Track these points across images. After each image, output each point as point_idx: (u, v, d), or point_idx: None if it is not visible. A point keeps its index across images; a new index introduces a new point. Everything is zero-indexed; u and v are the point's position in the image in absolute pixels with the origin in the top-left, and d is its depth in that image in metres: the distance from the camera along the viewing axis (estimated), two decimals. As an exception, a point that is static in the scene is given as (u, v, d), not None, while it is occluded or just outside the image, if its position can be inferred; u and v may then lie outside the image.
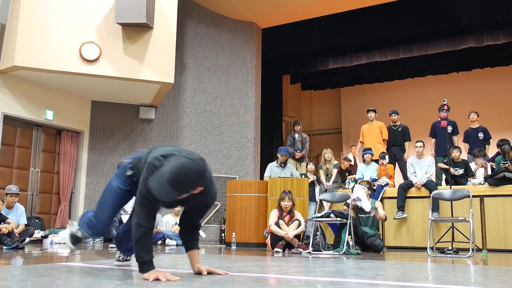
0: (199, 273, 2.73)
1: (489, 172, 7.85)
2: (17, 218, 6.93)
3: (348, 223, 6.28)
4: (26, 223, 7.15)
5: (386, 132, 9.18)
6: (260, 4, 10.23)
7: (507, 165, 7.34)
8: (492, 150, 8.94)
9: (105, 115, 9.54)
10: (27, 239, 6.94)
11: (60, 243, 7.39)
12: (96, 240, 8.22)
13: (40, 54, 7.51)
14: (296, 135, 10.14)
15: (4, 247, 5.85)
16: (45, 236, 7.75)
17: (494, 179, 7.37)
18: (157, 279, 2.40)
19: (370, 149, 8.76)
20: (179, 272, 2.98)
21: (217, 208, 9.85)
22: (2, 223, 6.38)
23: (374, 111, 9.40)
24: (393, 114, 9.38)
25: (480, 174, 7.97)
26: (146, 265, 2.51)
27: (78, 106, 9.21)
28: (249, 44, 10.96)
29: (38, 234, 7.58)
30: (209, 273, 2.74)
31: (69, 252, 5.31)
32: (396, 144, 9.14)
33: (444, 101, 8.07)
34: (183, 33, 9.96)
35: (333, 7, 10.21)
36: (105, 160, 9.40)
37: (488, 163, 8.11)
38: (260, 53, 11.34)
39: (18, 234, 6.55)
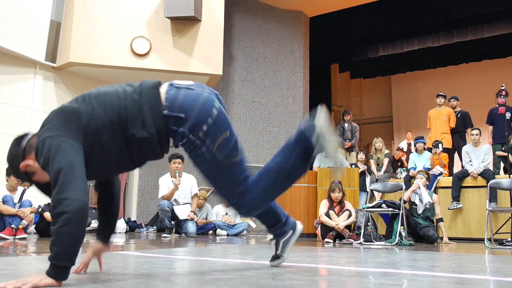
0: None
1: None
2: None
3: (401, 213, 6.17)
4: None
5: (455, 119, 8.88)
6: (307, -7, 10.14)
7: None
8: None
9: (156, 108, 9.73)
10: (86, 229, 7.24)
11: (115, 232, 7.67)
12: (149, 229, 8.47)
13: (93, 50, 7.78)
14: (346, 125, 10.01)
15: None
16: (102, 226, 8.05)
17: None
18: None
19: (423, 137, 8.54)
20: (230, 262, 3.03)
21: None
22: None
23: (444, 96, 9.10)
24: (452, 100, 9.08)
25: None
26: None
27: (130, 100, 9.47)
28: (297, 33, 10.89)
29: (94, 224, 7.89)
30: None
31: (124, 241, 5.50)
32: (456, 131, 8.84)
33: (502, 86, 7.74)
34: (230, 25, 10.02)
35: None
36: (157, 152, 9.62)
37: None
38: (308, 42, 11.24)
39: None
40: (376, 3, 10.35)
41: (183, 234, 6.98)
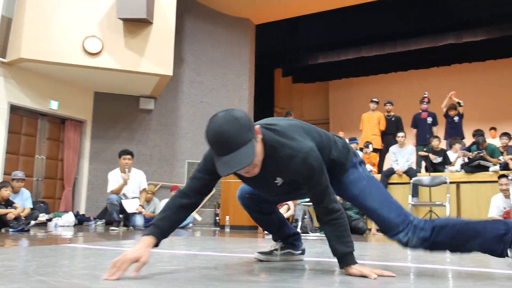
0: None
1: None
2: (23, 202, 6.89)
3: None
4: (32, 207, 7.11)
5: (384, 123, 9.16)
6: (254, 2, 10.18)
7: (482, 154, 7.40)
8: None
9: (107, 105, 9.48)
10: (33, 222, 6.91)
11: (63, 225, 7.39)
12: (98, 222, 8.22)
13: (45, 47, 7.45)
14: (287, 125, 10.13)
15: (11, 230, 5.83)
16: (50, 219, 7.74)
17: (470, 167, 7.44)
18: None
19: (356, 138, 8.79)
20: (176, 253, 3.00)
21: (212, 193, 9.87)
22: (10, 207, 6.35)
23: (377, 102, 9.36)
24: (388, 104, 9.38)
25: (454, 160, 8.03)
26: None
27: (81, 97, 9.16)
28: (244, 39, 10.92)
29: (43, 217, 7.57)
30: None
31: (72, 234, 5.31)
32: (388, 132, 9.12)
33: (425, 94, 8.13)
34: (181, 28, 9.89)
35: (322, 5, 10.18)
36: (107, 148, 9.37)
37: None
38: (253, 48, 11.30)
39: (24, 218, 6.52)
40: (317, 15, 10.57)
41: (131, 227, 6.83)
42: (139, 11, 7.61)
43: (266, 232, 6.24)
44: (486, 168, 7.32)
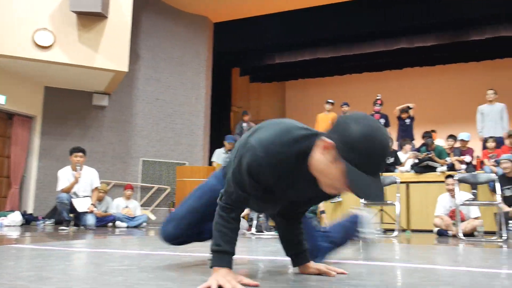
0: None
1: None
2: (-33, 200, 6.58)
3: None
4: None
5: None
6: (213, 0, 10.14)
7: (430, 155, 7.69)
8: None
9: (59, 101, 9.17)
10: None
11: (9, 225, 7.08)
12: (47, 222, 7.93)
13: (-8, 38, 7.12)
14: (244, 124, 10.17)
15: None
16: (-5, 219, 7.39)
17: (419, 167, 7.71)
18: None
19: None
20: (128, 253, 2.94)
21: (166, 192, 9.76)
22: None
23: (332, 103, 9.52)
24: (344, 106, 9.57)
25: (404, 160, 8.30)
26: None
27: (31, 92, 8.82)
28: (202, 37, 10.85)
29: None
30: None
31: (19, 235, 5.10)
32: None
33: (378, 96, 8.35)
34: (138, 24, 9.70)
35: (280, 6, 10.27)
36: (58, 145, 9.06)
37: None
38: (211, 46, 11.24)
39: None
40: (275, 15, 10.65)
41: (82, 227, 6.64)
42: (94, 4, 7.41)
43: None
44: (434, 169, 7.62)
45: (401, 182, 7.14)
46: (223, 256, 1.64)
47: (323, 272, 1.85)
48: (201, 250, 3.16)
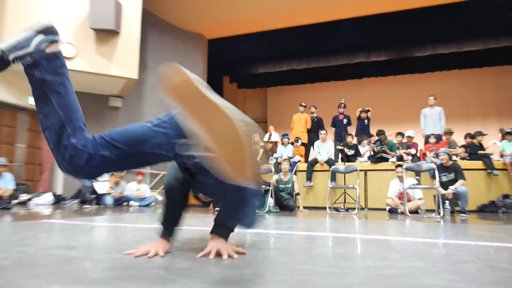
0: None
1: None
2: (6, 184, 6.47)
3: (271, 189, 6.41)
4: (14, 188, 6.69)
5: (310, 123, 9.35)
6: (207, 20, 10.06)
7: (384, 148, 7.78)
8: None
9: (80, 102, 8.90)
10: (15, 201, 6.51)
11: (42, 204, 6.97)
12: (73, 202, 7.82)
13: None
14: (233, 123, 10.12)
15: (-7, 208, 5.44)
16: (30, 199, 7.29)
17: (374, 158, 7.79)
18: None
19: (287, 134, 8.94)
20: (140, 227, 2.92)
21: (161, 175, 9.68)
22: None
23: (304, 106, 9.53)
24: (312, 108, 9.60)
25: (363, 153, 8.38)
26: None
27: (56, 94, 8.64)
28: (198, 50, 10.76)
29: (24, 197, 7.10)
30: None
31: (50, 212, 5.03)
32: (313, 130, 9.34)
33: (342, 100, 8.38)
34: (145, 39, 9.58)
35: (262, 26, 10.24)
36: (79, 138, 8.91)
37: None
38: (206, 58, 11.16)
39: (7, 197, 6.12)
40: (258, 33, 10.62)
41: (102, 205, 6.57)
42: (109, 23, 7.30)
43: (216, 208, 6.25)
44: (386, 160, 7.71)
45: (360, 170, 7.21)
46: (221, 228, 1.65)
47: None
48: (200, 225, 3.16)
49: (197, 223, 3.29)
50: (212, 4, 9.38)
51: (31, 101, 7.97)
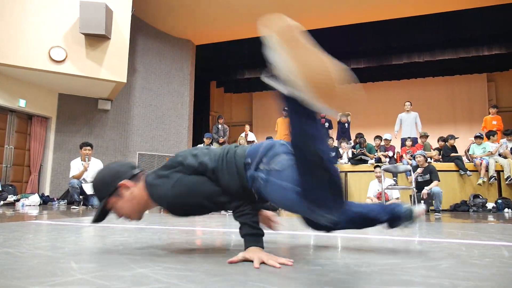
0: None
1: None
2: (-8, 185, 6.29)
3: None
4: (1, 189, 6.50)
5: None
6: (195, 26, 10.01)
7: (363, 151, 7.86)
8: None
9: (70, 105, 8.85)
10: (1, 202, 6.33)
11: (30, 205, 6.80)
12: (60, 202, 7.66)
13: (14, 52, 6.79)
14: (220, 126, 10.12)
15: (-20, 209, 5.27)
16: (17, 200, 7.10)
17: (354, 160, 7.87)
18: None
19: (272, 137, 8.95)
20: (128, 227, 2.87)
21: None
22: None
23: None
24: None
25: (345, 156, 8.45)
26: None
27: (47, 97, 8.47)
28: (186, 56, 10.69)
29: (11, 198, 6.92)
30: None
31: (37, 212, 4.91)
32: None
33: (324, 105, 8.44)
34: (134, 44, 9.47)
35: (248, 33, 10.23)
36: (69, 140, 8.76)
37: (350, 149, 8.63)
38: (194, 63, 11.10)
39: (-7, 198, 5.95)
40: (244, 40, 10.61)
41: (90, 206, 6.44)
42: (99, 28, 7.18)
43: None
44: (365, 161, 7.79)
45: (341, 171, 7.27)
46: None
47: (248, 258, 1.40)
48: (185, 225, 3.13)
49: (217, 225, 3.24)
50: (200, 12, 9.35)
51: (21, 104, 7.79)
